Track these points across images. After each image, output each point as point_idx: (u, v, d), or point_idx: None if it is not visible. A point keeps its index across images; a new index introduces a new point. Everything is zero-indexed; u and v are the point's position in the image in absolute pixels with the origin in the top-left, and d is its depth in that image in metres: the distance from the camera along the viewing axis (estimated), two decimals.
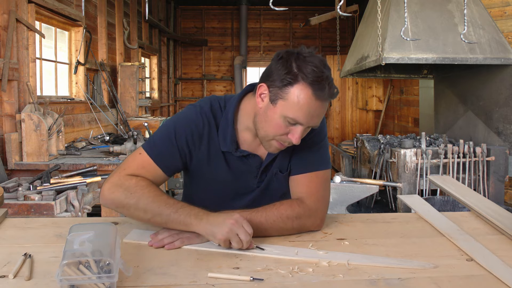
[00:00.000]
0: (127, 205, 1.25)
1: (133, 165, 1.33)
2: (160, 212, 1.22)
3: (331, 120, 9.13)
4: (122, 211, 1.29)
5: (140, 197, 1.24)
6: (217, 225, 1.17)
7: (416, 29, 3.33)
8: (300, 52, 1.23)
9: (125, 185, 1.27)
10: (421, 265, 1.11)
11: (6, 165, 3.27)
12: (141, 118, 5.88)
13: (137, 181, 1.28)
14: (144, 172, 1.32)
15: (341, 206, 3.24)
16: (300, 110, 1.21)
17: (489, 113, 3.59)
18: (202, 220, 1.19)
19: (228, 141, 1.37)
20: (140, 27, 7.20)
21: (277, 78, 1.23)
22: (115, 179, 1.29)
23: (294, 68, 1.21)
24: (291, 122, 1.23)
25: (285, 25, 9.92)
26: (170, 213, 1.22)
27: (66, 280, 0.89)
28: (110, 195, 1.27)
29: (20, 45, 3.49)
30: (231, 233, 1.15)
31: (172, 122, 1.38)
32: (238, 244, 1.16)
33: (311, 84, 1.19)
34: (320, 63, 1.21)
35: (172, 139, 1.34)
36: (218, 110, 1.39)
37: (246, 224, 1.18)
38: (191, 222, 1.20)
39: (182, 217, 1.21)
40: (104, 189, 1.29)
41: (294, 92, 1.20)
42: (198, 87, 9.99)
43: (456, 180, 2.49)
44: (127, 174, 1.30)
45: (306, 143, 1.38)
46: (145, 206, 1.23)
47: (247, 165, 1.41)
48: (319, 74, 1.19)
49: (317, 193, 1.37)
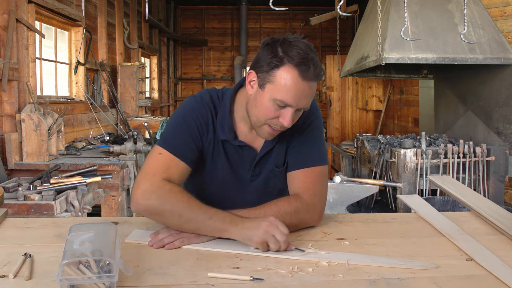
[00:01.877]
0: (162, 211, 1.24)
1: (160, 168, 1.30)
2: (194, 218, 1.22)
3: (331, 120, 9.13)
4: (156, 218, 1.28)
5: (175, 203, 1.24)
6: (252, 229, 1.17)
7: (416, 29, 3.33)
8: (286, 38, 1.26)
9: (159, 192, 1.25)
10: (422, 265, 1.11)
11: (6, 165, 3.27)
12: (141, 118, 5.88)
13: (171, 187, 1.27)
14: (172, 172, 1.30)
15: (341, 206, 3.24)
16: (288, 91, 1.23)
17: (489, 113, 3.59)
18: (238, 225, 1.20)
19: (226, 129, 1.38)
20: (140, 27, 7.20)
21: (264, 63, 1.25)
22: (146, 185, 1.26)
23: (280, 52, 1.23)
24: (280, 104, 1.25)
25: (285, 25, 9.93)
26: (204, 219, 1.22)
27: (66, 280, 0.89)
28: (145, 201, 1.25)
29: (20, 45, 3.49)
30: (267, 235, 1.16)
31: (179, 114, 1.39)
32: (275, 245, 1.16)
33: (297, 65, 1.21)
34: (305, 46, 1.23)
35: (185, 129, 1.36)
36: (217, 100, 1.42)
37: (281, 225, 1.18)
38: (226, 228, 1.20)
39: (217, 223, 1.21)
40: (138, 196, 1.26)
41: (280, 74, 1.23)
42: (198, 87, 9.99)
43: (456, 180, 2.49)
44: (159, 179, 1.28)
45: (302, 138, 1.41)
46: (180, 212, 1.23)
47: (242, 157, 1.43)
48: (304, 55, 1.22)
49: (314, 188, 1.38)
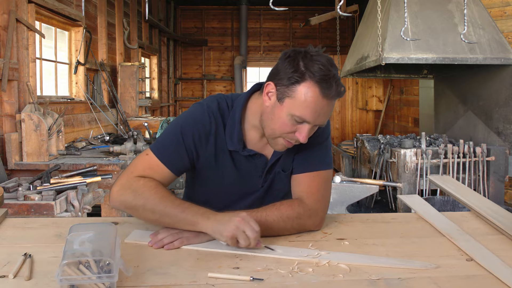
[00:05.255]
0: (135, 206, 1.26)
1: (140, 167, 1.33)
2: (167, 212, 1.22)
3: (331, 120, 9.08)
4: (131, 212, 1.29)
5: (148, 198, 1.24)
6: (223, 223, 1.16)
7: (416, 29, 3.33)
8: (308, 51, 1.23)
9: (133, 187, 1.27)
10: (422, 265, 1.11)
11: (6, 165, 3.27)
12: (141, 118, 5.88)
13: (145, 182, 1.28)
14: (151, 173, 1.32)
15: (341, 206, 3.24)
16: (307, 108, 1.21)
17: (489, 113, 3.59)
18: (209, 219, 1.19)
19: (235, 140, 1.36)
20: (140, 27, 7.20)
21: (284, 77, 1.23)
22: (123, 181, 1.30)
23: (301, 66, 1.21)
24: (298, 120, 1.23)
25: (285, 25, 9.92)
26: (177, 213, 1.22)
27: (66, 280, 0.89)
28: (119, 197, 1.28)
29: (20, 45, 3.49)
30: (238, 230, 1.15)
31: (178, 122, 1.38)
32: (245, 242, 1.15)
33: (318, 82, 1.19)
34: (327, 61, 1.21)
35: (179, 138, 1.34)
36: (225, 109, 1.39)
37: (253, 222, 1.17)
38: (198, 221, 1.20)
39: (189, 216, 1.21)
40: (113, 192, 1.29)
41: (301, 90, 1.20)
42: (198, 87, 9.99)
43: (456, 180, 2.49)
44: (135, 176, 1.30)
45: (309, 142, 1.38)
46: (153, 207, 1.24)
47: (253, 165, 1.41)
48: (326, 72, 1.19)
49: (318, 192, 1.37)
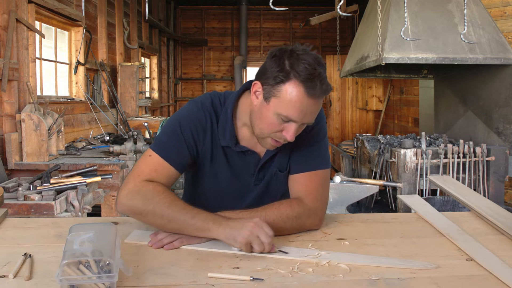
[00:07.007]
0: (145, 211, 1.25)
1: (146, 169, 1.32)
2: (176, 218, 1.22)
3: (331, 120, 9.13)
4: (139, 218, 1.28)
5: (157, 203, 1.24)
6: (237, 229, 1.16)
7: (416, 29, 3.33)
8: (294, 50, 1.23)
9: (142, 192, 1.26)
10: (422, 265, 1.11)
11: (6, 165, 3.27)
12: (141, 118, 5.88)
13: (154, 187, 1.27)
14: (157, 175, 1.31)
15: (341, 206, 3.24)
16: (293, 107, 1.21)
17: (489, 113, 3.59)
18: (221, 225, 1.18)
19: (228, 136, 1.37)
20: (140, 27, 7.20)
21: (270, 76, 1.23)
22: (131, 185, 1.28)
23: (287, 65, 1.21)
24: (285, 119, 1.24)
25: (285, 25, 9.93)
26: (187, 219, 1.21)
27: (66, 280, 0.89)
28: (128, 201, 1.26)
29: (20, 45, 3.49)
30: (252, 236, 1.14)
31: (175, 118, 1.38)
32: (259, 247, 1.15)
33: (303, 81, 1.19)
34: (313, 60, 1.21)
35: (179, 134, 1.34)
36: (218, 106, 1.40)
37: (266, 226, 1.17)
38: (209, 228, 1.19)
39: (199, 222, 1.20)
40: (121, 196, 1.27)
41: (286, 89, 1.21)
42: (198, 87, 9.99)
43: (456, 180, 2.49)
44: (142, 180, 1.29)
45: (306, 142, 1.38)
46: (162, 212, 1.23)
47: (245, 162, 1.41)
48: (311, 71, 1.19)
49: (316, 192, 1.37)
